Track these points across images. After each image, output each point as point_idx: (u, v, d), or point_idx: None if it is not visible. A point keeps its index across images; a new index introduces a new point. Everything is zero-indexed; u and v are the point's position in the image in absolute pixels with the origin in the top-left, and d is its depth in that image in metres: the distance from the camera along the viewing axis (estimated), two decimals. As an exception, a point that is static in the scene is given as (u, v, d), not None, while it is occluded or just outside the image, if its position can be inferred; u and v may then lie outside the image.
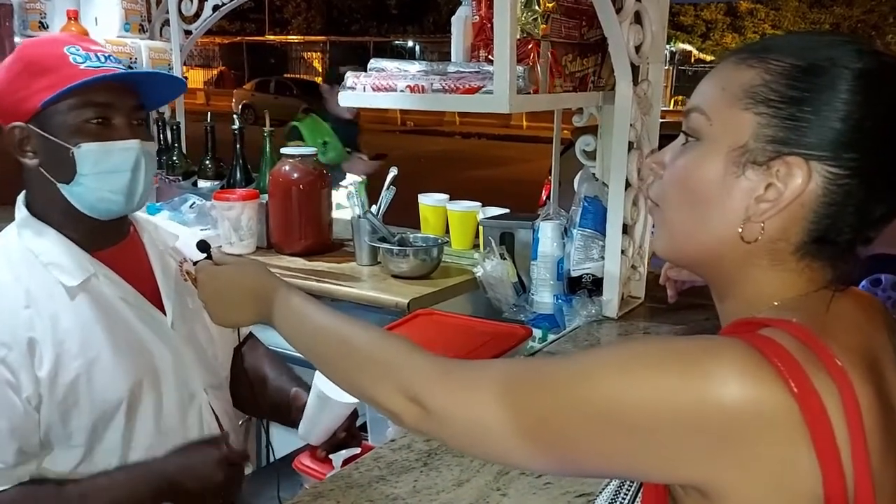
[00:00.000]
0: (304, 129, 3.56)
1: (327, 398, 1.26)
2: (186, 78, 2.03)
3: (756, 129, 0.65)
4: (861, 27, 18.60)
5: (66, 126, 1.14)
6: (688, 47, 21.74)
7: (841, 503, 0.56)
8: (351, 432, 1.34)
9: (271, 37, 26.96)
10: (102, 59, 1.17)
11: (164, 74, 1.59)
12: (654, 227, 0.78)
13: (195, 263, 1.03)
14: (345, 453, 1.28)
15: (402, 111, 14.22)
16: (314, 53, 26.33)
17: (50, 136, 1.14)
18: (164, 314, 1.26)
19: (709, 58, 21.27)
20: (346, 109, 3.17)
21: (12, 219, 1.23)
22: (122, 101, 1.17)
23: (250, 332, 1.54)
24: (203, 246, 1.04)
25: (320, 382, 1.27)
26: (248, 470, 1.33)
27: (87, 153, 1.15)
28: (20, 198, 1.23)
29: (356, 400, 1.25)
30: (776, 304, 0.67)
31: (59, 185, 1.17)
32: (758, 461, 0.56)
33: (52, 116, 1.14)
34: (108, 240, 1.24)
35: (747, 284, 0.69)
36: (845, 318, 0.65)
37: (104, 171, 1.16)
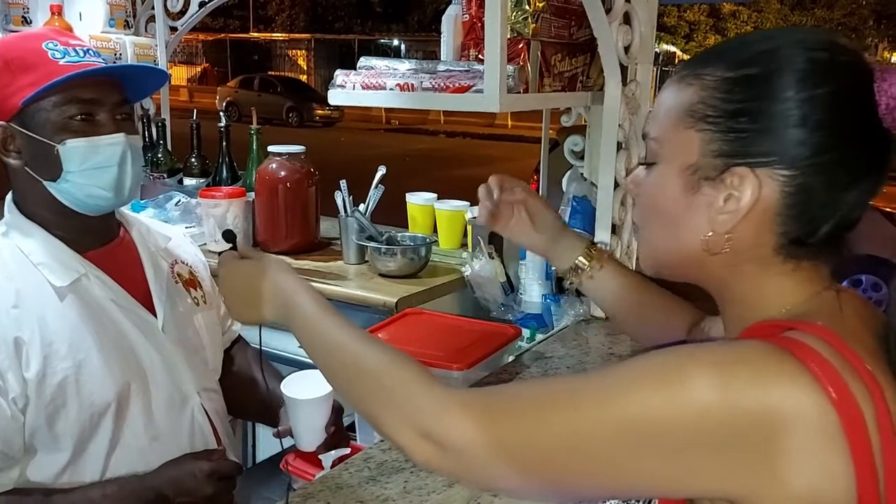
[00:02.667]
0: None
1: (295, 400, 1.24)
2: (170, 73, 2.01)
3: (701, 145, 0.66)
4: (842, 30, 18.79)
5: (49, 123, 1.12)
6: (671, 48, 21.84)
7: None
8: (339, 430, 1.32)
9: (255, 34, 26.78)
10: (81, 54, 1.14)
11: (146, 66, 1.57)
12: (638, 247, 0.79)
13: (219, 254, 1.01)
14: (334, 454, 1.27)
15: (387, 109, 14.19)
16: (298, 51, 26.20)
17: (33, 135, 1.12)
18: (155, 316, 1.24)
19: (692, 59, 21.33)
20: None
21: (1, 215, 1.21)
22: (105, 96, 1.15)
23: (239, 335, 1.53)
24: (229, 236, 1.03)
25: (285, 388, 1.26)
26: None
27: (72, 150, 1.13)
28: (8, 198, 1.21)
29: (322, 394, 1.23)
30: (786, 309, 0.66)
31: (45, 183, 1.15)
32: (794, 470, 0.55)
33: (35, 114, 1.12)
34: (98, 239, 1.23)
35: (745, 290, 0.69)
36: (859, 320, 0.65)
37: (91, 167, 1.14)
